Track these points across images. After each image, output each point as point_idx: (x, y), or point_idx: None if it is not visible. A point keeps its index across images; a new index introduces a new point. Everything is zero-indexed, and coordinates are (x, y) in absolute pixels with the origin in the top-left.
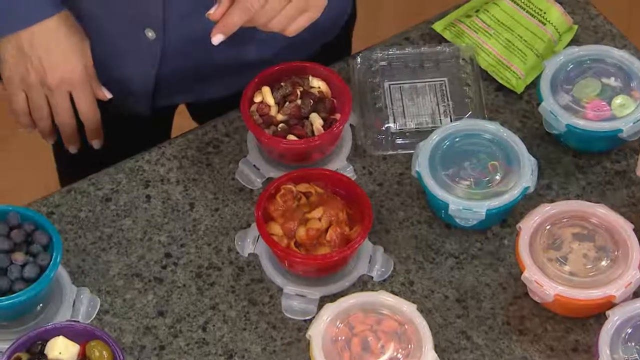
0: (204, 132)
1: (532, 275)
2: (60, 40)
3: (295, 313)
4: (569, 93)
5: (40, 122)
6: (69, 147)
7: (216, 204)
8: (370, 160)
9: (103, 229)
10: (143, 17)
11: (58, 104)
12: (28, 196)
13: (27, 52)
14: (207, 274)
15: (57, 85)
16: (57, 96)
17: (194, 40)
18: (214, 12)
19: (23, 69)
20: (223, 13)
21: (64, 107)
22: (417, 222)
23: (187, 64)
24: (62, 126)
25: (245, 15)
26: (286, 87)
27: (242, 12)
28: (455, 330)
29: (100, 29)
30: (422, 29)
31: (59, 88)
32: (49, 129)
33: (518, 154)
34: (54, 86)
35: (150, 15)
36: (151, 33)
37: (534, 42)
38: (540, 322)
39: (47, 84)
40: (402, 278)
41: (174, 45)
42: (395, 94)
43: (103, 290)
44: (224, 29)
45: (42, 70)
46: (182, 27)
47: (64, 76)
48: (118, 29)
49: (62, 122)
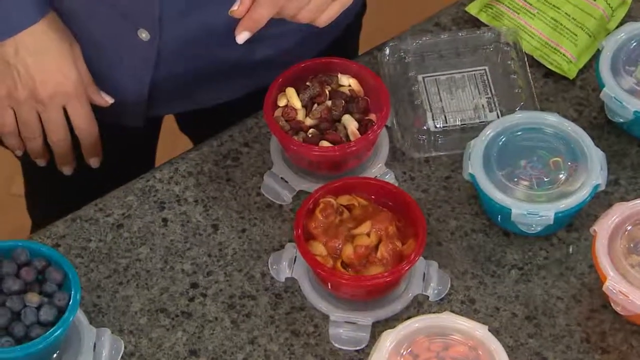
0: (220, 143)
1: (616, 285)
2: (50, 46)
3: (346, 343)
4: (632, 75)
5: (31, 141)
6: (63, 168)
7: (242, 224)
8: (410, 164)
9: (118, 260)
10: (135, 17)
11: (51, 119)
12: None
13: (13, 63)
14: (241, 305)
15: (50, 99)
16: (50, 111)
17: (193, 40)
18: (237, 7)
19: (9, 82)
20: (248, 8)
21: (59, 123)
22: (472, 231)
23: (186, 67)
24: (56, 144)
25: (274, 7)
26: (313, 88)
27: (269, 4)
28: (529, 352)
29: (87, 31)
30: (452, 13)
31: (52, 101)
32: (40, 149)
33: (583, 147)
34: (46, 100)
35: (144, 13)
36: (145, 34)
37: (584, 20)
38: (624, 338)
39: (39, 97)
40: (462, 296)
41: (171, 47)
42: (430, 87)
43: (125, 330)
44: (251, 25)
45: (32, 83)
46: (179, 25)
47: (57, 87)
48: (107, 31)
49: (56, 140)
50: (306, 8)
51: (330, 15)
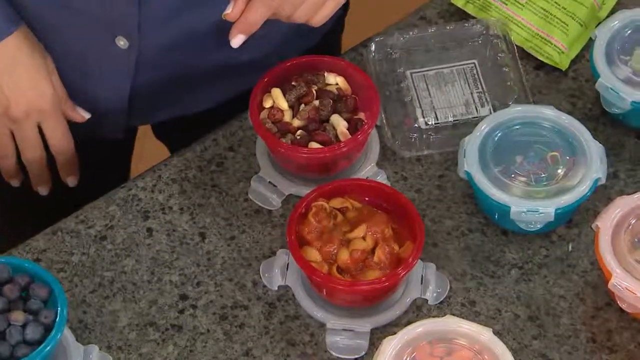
0: (203, 148)
1: (622, 282)
2: (23, 61)
3: (344, 351)
4: (627, 64)
5: (4, 160)
6: (38, 187)
7: (231, 231)
8: (402, 163)
9: (102, 274)
10: (112, 24)
11: (25, 138)
12: None
13: None
14: (233, 315)
15: (24, 117)
16: (25, 129)
17: (174, 46)
18: (231, 11)
19: None
20: (242, 10)
21: (34, 142)
22: (469, 230)
23: (167, 74)
24: (32, 164)
25: (268, 9)
26: (300, 87)
27: (264, 6)
28: (533, 354)
29: (60, 42)
30: (438, 5)
31: (26, 119)
32: (14, 169)
33: (581, 141)
34: (20, 118)
35: (122, 21)
36: (123, 42)
37: (574, 8)
38: (631, 336)
39: (12, 115)
40: (462, 298)
41: (151, 54)
42: (419, 83)
43: (114, 346)
44: (246, 28)
45: (4, 100)
46: (160, 31)
47: (32, 105)
48: (82, 40)
49: (31, 158)
50: (301, 7)
51: (325, 15)
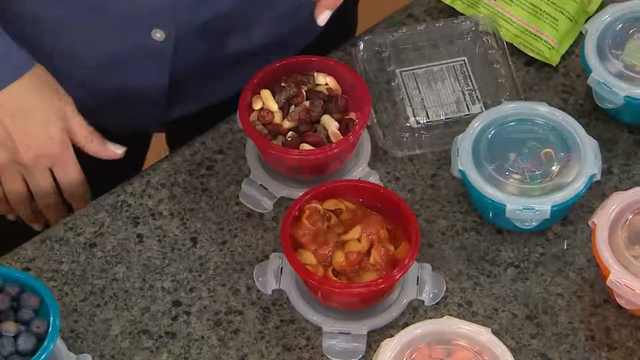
0: (192, 152)
1: (621, 279)
2: (34, 104)
3: (340, 355)
4: (619, 58)
5: (19, 206)
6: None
7: (222, 235)
8: (394, 163)
9: (93, 282)
10: (148, 18)
11: (37, 185)
12: None
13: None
14: (227, 321)
15: (33, 163)
16: (36, 176)
17: (205, 31)
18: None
19: None
20: None
21: (46, 190)
22: (463, 229)
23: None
24: (46, 208)
25: None
26: (289, 88)
27: None
28: (532, 354)
29: (95, 42)
30: (425, 3)
31: (36, 165)
32: (32, 214)
33: (575, 137)
34: (30, 164)
35: (157, 13)
36: (160, 34)
37: (563, 3)
38: (630, 333)
39: (21, 161)
40: (458, 298)
41: (186, 42)
42: (409, 82)
43: (107, 355)
44: (331, 3)
45: (13, 146)
46: (192, 18)
47: (41, 150)
48: (117, 38)
49: (44, 205)
50: None
51: None
